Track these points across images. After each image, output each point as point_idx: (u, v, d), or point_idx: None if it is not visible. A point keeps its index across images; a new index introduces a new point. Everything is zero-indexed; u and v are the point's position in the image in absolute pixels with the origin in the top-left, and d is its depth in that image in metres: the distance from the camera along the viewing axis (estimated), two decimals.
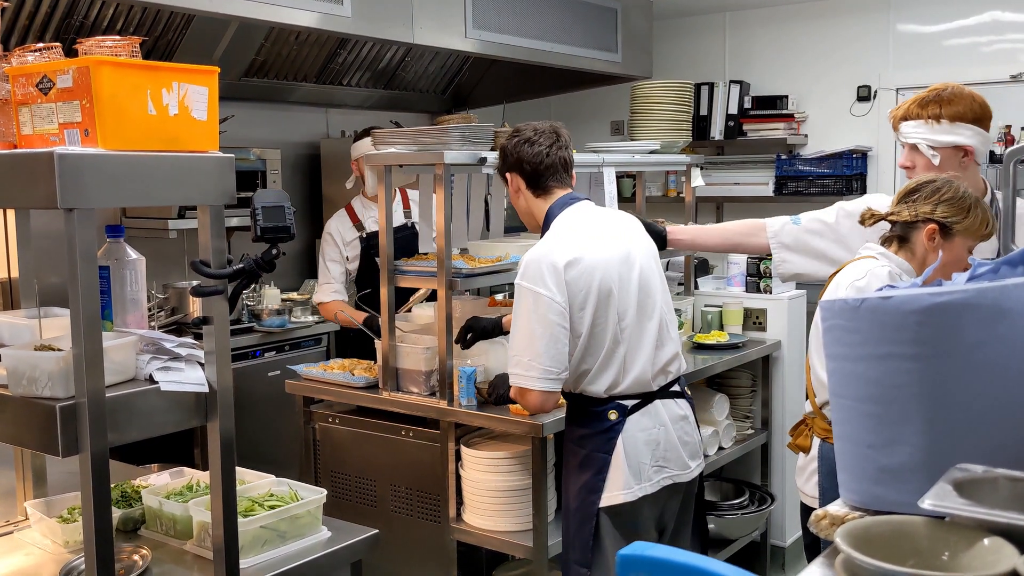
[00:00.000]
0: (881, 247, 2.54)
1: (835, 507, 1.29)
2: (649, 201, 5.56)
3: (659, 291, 2.66)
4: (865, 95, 5.69)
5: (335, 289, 4.06)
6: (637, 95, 4.79)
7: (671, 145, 4.25)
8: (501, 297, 4.30)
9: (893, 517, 1.14)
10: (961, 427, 1.18)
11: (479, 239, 3.68)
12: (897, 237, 2.52)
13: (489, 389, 3.03)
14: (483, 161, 3.06)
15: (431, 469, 3.09)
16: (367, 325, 3.53)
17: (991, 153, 7.12)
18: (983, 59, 5.34)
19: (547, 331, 2.45)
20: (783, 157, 5.80)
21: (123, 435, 1.66)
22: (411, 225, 4.11)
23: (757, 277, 4.34)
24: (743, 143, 5.96)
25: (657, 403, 2.63)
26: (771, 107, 5.89)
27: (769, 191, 5.83)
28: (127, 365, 1.74)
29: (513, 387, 2.56)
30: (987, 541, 1.04)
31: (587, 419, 2.61)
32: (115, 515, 2.08)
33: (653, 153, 4.14)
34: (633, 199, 4.34)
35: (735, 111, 5.93)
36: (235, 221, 4.27)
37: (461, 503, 3.09)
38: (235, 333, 4.25)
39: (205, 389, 1.75)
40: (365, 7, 3.97)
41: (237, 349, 4.24)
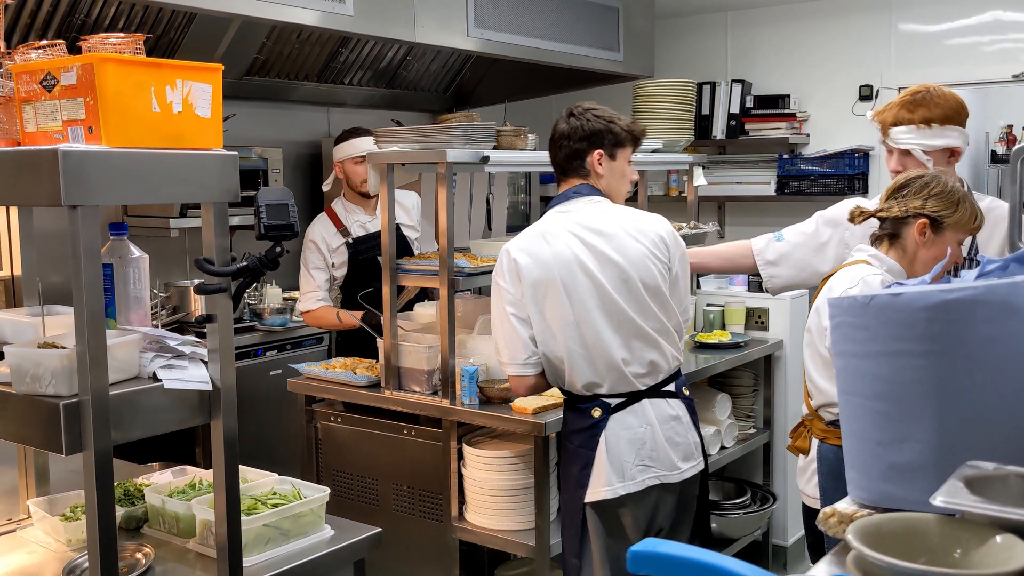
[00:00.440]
0: (872, 248, 2.55)
1: (843, 505, 1.28)
2: (651, 200, 5.56)
3: (650, 291, 2.57)
4: (867, 94, 5.68)
5: (320, 297, 3.96)
6: (639, 94, 4.79)
7: (673, 144, 4.24)
8: None
9: (904, 514, 1.14)
10: (971, 424, 1.17)
11: (481, 238, 3.67)
12: (888, 235, 2.52)
13: None
14: (485, 160, 3.05)
15: (433, 468, 3.09)
16: (366, 322, 3.52)
17: (993, 153, 7.14)
18: (985, 59, 5.34)
19: (504, 321, 2.60)
20: (785, 156, 5.80)
21: (126, 433, 1.66)
22: (396, 226, 4.07)
23: (759, 277, 4.33)
24: (745, 142, 5.96)
25: (645, 402, 2.59)
26: (773, 106, 5.89)
27: (771, 190, 5.82)
28: (130, 363, 1.74)
29: None
30: (999, 538, 1.04)
31: (575, 415, 2.63)
32: (118, 513, 2.08)
33: (655, 152, 4.13)
34: (635, 198, 4.33)
35: (737, 110, 5.93)
36: (237, 220, 4.27)
37: (463, 502, 3.08)
38: (237, 332, 4.24)
39: (208, 387, 1.74)
40: (367, 6, 3.96)
41: (239, 348, 4.23)
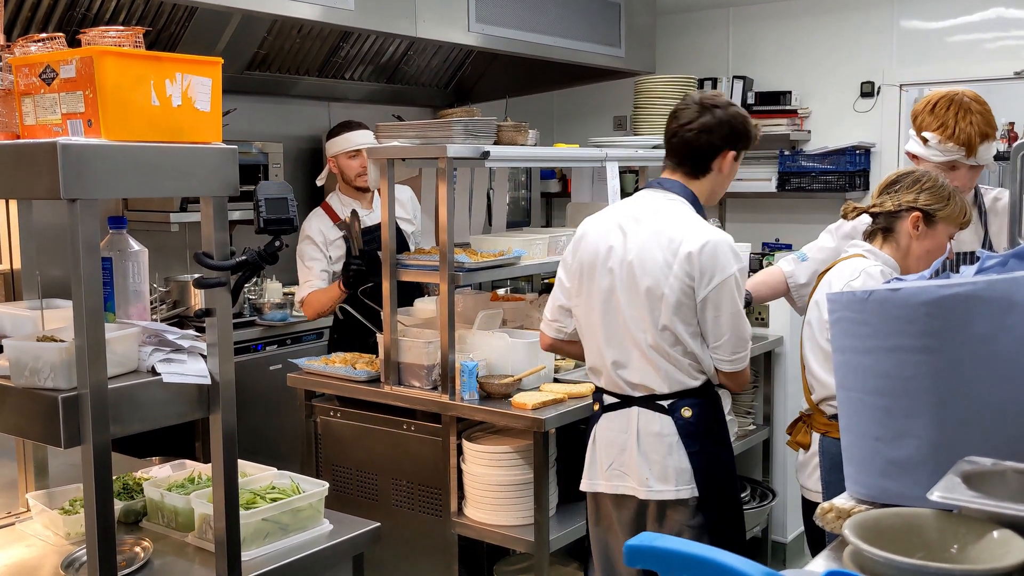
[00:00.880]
0: (866, 243, 2.58)
1: (841, 500, 1.29)
2: None
3: (645, 321, 2.43)
4: (868, 91, 5.68)
5: (317, 287, 3.98)
6: (640, 90, 4.78)
7: None
8: (503, 292, 4.30)
9: (902, 509, 1.14)
10: (970, 419, 1.17)
11: (481, 233, 3.67)
12: (881, 229, 2.57)
13: None
14: (486, 155, 3.05)
15: (432, 463, 3.09)
16: (362, 291, 3.51)
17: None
18: (987, 56, 5.33)
19: (556, 281, 2.68)
20: (786, 153, 5.79)
21: (125, 427, 1.66)
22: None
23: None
24: None
25: (634, 410, 2.51)
26: (774, 103, 5.88)
27: (772, 187, 5.81)
28: (129, 357, 1.74)
29: None
30: (996, 533, 1.04)
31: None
32: (117, 507, 2.08)
33: (656, 148, 4.13)
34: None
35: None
36: (237, 215, 4.26)
37: (462, 497, 3.08)
38: (237, 327, 4.24)
39: (207, 381, 1.74)
40: (368, 0, 3.96)
41: (239, 343, 4.23)
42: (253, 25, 4.53)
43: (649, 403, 2.50)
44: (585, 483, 2.63)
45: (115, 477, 2.12)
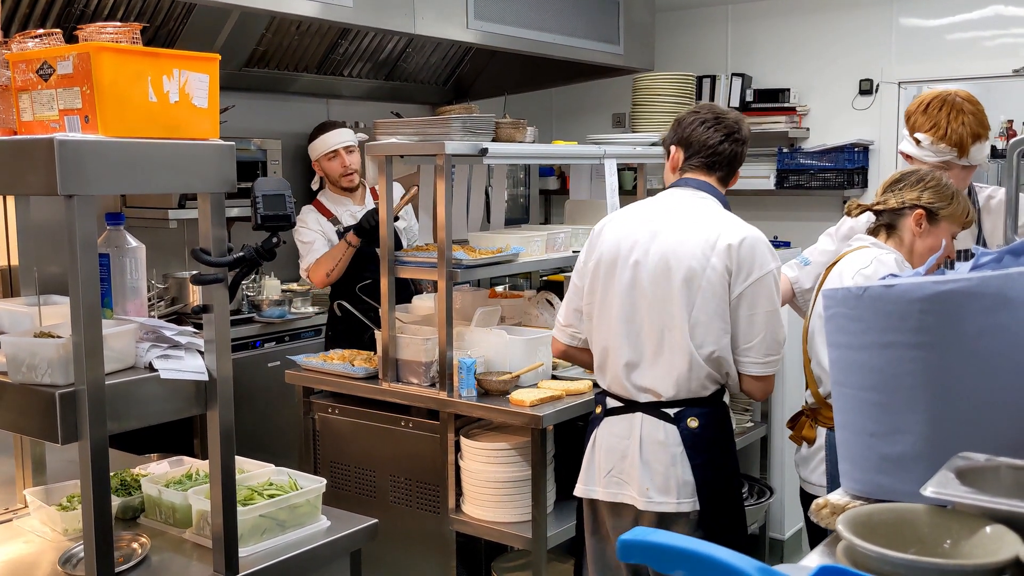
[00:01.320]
0: (872, 238, 2.59)
1: (836, 496, 1.29)
2: (650, 194, 5.56)
3: (676, 311, 2.36)
4: (867, 89, 5.68)
5: (321, 251, 3.94)
6: (639, 87, 4.77)
7: None
8: (501, 288, 4.30)
9: (895, 505, 1.14)
10: (963, 415, 1.18)
11: (479, 230, 3.67)
12: (884, 226, 2.58)
13: None
14: (484, 152, 3.05)
15: (430, 460, 3.09)
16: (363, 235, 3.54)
17: (992, 148, 7.13)
18: (985, 53, 5.33)
19: (570, 286, 2.64)
20: (784, 150, 5.79)
21: (123, 423, 1.66)
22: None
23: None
24: None
25: (638, 416, 2.44)
26: (773, 100, 5.88)
27: (770, 184, 5.82)
28: (127, 353, 1.74)
29: None
30: (989, 529, 1.04)
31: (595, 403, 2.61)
32: (114, 503, 2.08)
33: (654, 145, 4.13)
34: (634, 191, 4.33)
35: (737, 104, 5.92)
36: (235, 212, 4.26)
37: (460, 494, 3.08)
38: (235, 323, 4.24)
39: (205, 377, 1.74)
40: None
41: (237, 339, 4.23)
42: (251, 22, 4.53)
43: (654, 410, 2.42)
44: (580, 488, 2.56)
45: (113, 473, 2.11)
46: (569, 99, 6.68)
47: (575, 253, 3.16)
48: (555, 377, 3.21)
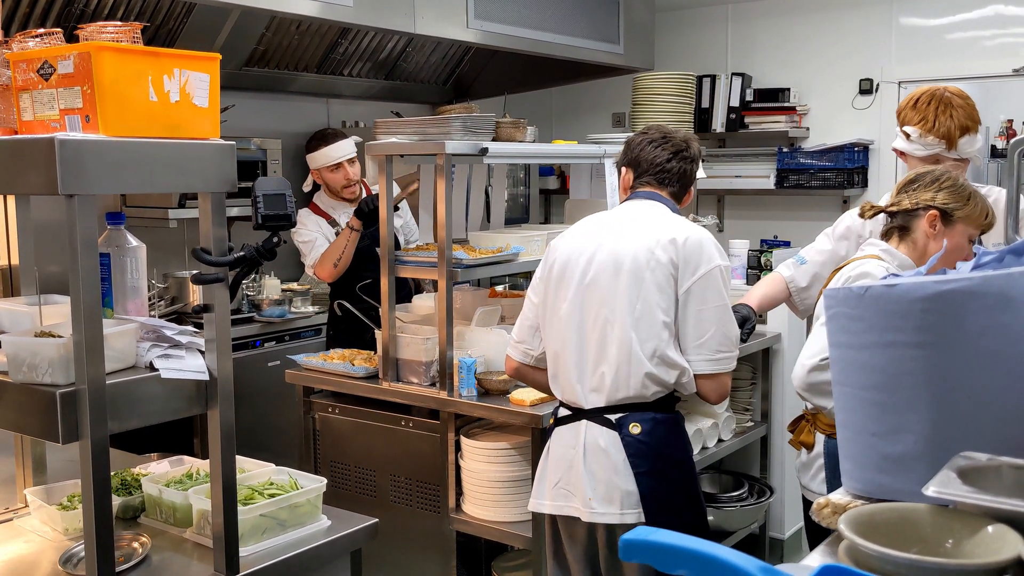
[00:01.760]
0: (884, 243, 2.51)
1: (837, 495, 1.29)
2: None
3: (619, 304, 2.34)
4: (867, 88, 5.68)
5: (324, 246, 3.97)
6: (639, 87, 4.78)
7: None
8: (501, 288, 4.30)
9: (897, 504, 1.14)
10: (965, 415, 1.18)
11: (479, 230, 3.67)
12: (898, 228, 2.50)
13: None
14: (484, 151, 3.05)
15: (431, 459, 3.09)
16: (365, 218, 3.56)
17: (993, 147, 7.14)
18: (985, 53, 5.33)
19: (525, 301, 2.59)
20: (784, 150, 5.79)
21: (123, 422, 1.66)
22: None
23: (758, 269, 4.34)
24: (745, 135, 5.95)
25: (583, 423, 2.39)
26: (773, 100, 5.88)
27: (770, 184, 5.82)
28: (127, 352, 1.74)
29: None
30: (991, 528, 1.04)
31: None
32: (115, 503, 2.08)
33: None
34: None
35: (737, 103, 5.92)
36: (235, 211, 4.26)
37: (460, 493, 3.09)
38: (235, 323, 4.24)
39: (205, 377, 1.74)
40: None
41: (237, 339, 4.23)
42: (251, 21, 4.53)
43: (598, 416, 2.37)
44: (531, 502, 2.52)
45: (113, 472, 2.11)
46: (569, 99, 6.68)
47: None
48: None
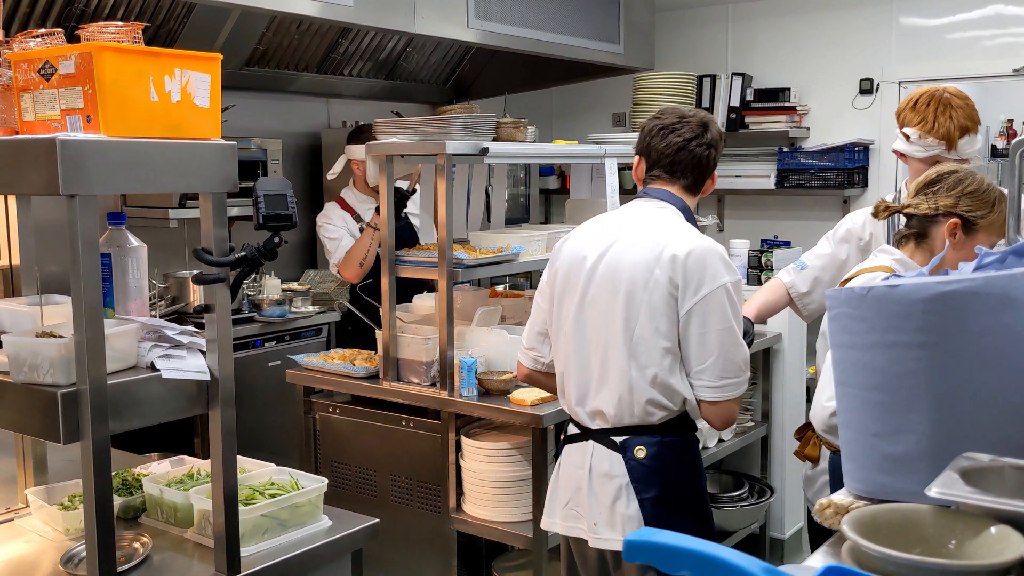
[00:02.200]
0: (897, 251, 2.32)
1: (839, 496, 1.29)
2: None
3: (616, 327, 2.20)
4: (867, 88, 5.67)
5: (348, 245, 3.96)
6: (639, 87, 4.78)
7: None
8: (501, 288, 4.30)
9: (899, 505, 1.14)
10: (967, 415, 1.18)
11: (479, 230, 3.67)
12: (914, 234, 2.30)
13: None
14: (485, 151, 3.05)
15: (431, 459, 3.09)
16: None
17: (993, 147, 7.14)
18: (986, 53, 5.33)
19: (533, 305, 2.47)
20: (785, 150, 5.79)
21: (124, 423, 1.66)
22: (404, 216, 4.08)
23: (758, 269, 4.33)
24: (745, 135, 5.95)
25: (590, 444, 2.28)
26: (773, 99, 5.88)
27: (771, 184, 5.82)
28: (128, 352, 1.74)
29: None
30: (994, 529, 1.04)
31: None
32: (116, 503, 2.08)
33: None
34: (634, 191, 4.32)
35: (737, 103, 5.92)
36: (236, 211, 4.26)
37: (461, 493, 3.08)
38: (236, 323, 4.24)
39: (206, 377, 1.74)
40: None
41: (238, 339, 4.23)
42: (252, 21, 4.53)
43: (603, 438, 2.26)
44: (544, 520, 2.45)
45: (114, 473, 2.12)
46: (569, 99, 6.68)
47: None
48: None
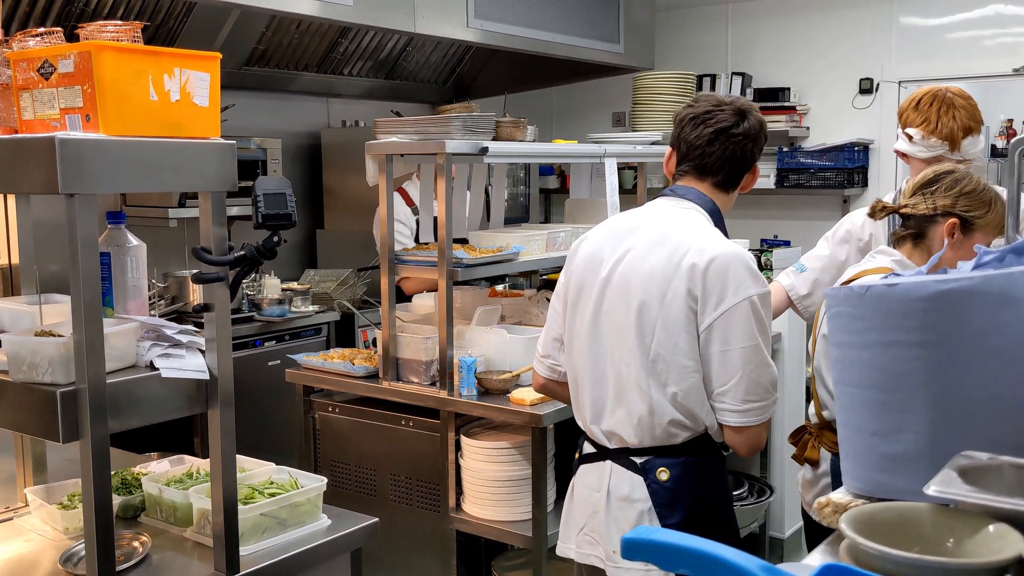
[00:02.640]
0: (896, 252, 2.31)
1: (838, 495, 1.29)
2: (650, 193, 5.57)
3: (632, 343, 2.02)
4: (867, 88, 5.68)
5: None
6: (639, 86, 4.78)
7: None
8: (501, 288, 4.30)
9: (898, 504, 1.14)
10: (966, 414, 1.18)
11: (479, 229, 3.67)
12: (911, 235, 2.29)
13: None
14: (484, 151, 3.05)
15: (431, 459, 3.09)
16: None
17: (993, 147, 7.14)
18: (985, 53, 5.33)
19: (550, 310, 2.29)
20: (785, 150, 5.79)
21: (124, 422, 1.66)
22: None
23: (758, 269, 4.33)
24: None
25: (608, 464, 2.10)
26: (773, 99, 5.88)
27: (771, 183, 5.82)
28: (128, 351, 1.74)
29: None
30: (992, 528, 1.04)
31: None
32: (115, 502, 2.08)
33: (655, 144, 4.13)
34: (634, 191, 4.33)
35: None
36: (235, 210, 4.27)
37: (461, 493, 3.08)
38: (235, 322, 4.24)
39: (206, 376, 1.74)
40: None
41: (237, 338, 4.23)
42: (252, 21, 4.53)
43: (622, 458, 2.09)
44: (560, 545, 2.29)
45: (113, 472, 2.11)
46: (569, 98, 6.68)
47: None
48: None
